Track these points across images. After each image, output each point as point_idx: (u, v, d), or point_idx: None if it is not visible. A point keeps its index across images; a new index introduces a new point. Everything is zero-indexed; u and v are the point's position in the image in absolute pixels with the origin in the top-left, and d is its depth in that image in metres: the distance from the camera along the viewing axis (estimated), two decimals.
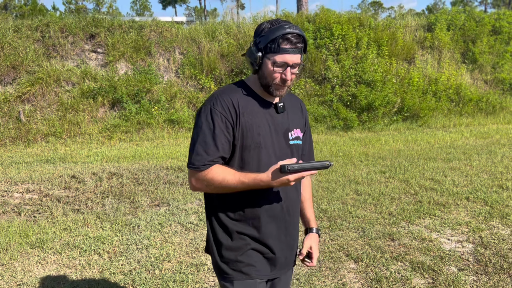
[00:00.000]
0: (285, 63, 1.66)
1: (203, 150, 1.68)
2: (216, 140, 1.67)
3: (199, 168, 1.69)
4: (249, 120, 1.71)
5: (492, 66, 13.22)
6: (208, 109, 1.70)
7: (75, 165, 7.47)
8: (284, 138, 1.81)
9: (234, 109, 1.70)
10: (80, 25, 11.10)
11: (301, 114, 1.94)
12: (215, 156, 1.68)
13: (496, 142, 8.88)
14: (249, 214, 1.77)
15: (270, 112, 1.78)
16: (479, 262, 3.62)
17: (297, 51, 1.66)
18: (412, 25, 13.59)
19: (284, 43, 1.64)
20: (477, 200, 5.17)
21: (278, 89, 1.72)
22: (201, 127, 1.70)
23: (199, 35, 11.66)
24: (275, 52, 1.65)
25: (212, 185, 1.70)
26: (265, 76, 1.71)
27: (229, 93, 1.74)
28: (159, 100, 10.35)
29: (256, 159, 1.74)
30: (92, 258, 3.90)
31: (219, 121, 1.68)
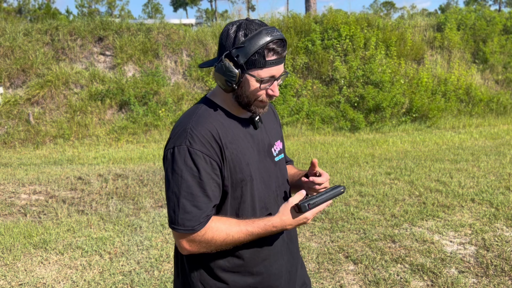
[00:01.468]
0: (272, 77, 1.39)
1: (192, 205, 1.35)
2: (206, 188, 1.36)
3: (193, 230, 1.35)
4: (234, 151, 1.42)
5: (503, 66, 13.04)
6: (184, 150, 1.35)
7: (82, 166, 7.55)
8: (269, 157, 1.55)
9: (217, 143, 1.38)
10: (89, 28, 11.23)
11: (275, 120, 1.69)
12: (209, 209, 1.37)
13: (506, 143, 8.75)
14: (250, 261, 1.49)
15: (249, 132, 1.50)
16: (480, 265, 3.57)
17: (282, 60, 1.39)
18: (421, 25, 13.48)
19: (270, 54, 1.35)
20: (483, 201, 5.10)
21: (262, 107, 1.45)
22: (181, 176, 1.35)
23: (206, 37, 11.72)
24: (260, 67, 1.36)
25: (213, 245, 1.39)
26: (246, 95, 1.41)
27: (204, 122, 1.40)
28: (166, 102, 10.42)
29: (249, 195, 1.46)
30: (93, 258, 3.94)
31: (203, 164, 1.35)
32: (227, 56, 1.37)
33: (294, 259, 1.64)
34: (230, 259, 1.47)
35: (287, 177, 1.66)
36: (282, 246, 1.56)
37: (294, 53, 11.68)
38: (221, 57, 1.38)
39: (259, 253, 1.49)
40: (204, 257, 1.47)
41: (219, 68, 1.37)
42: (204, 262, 1.48)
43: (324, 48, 11.95)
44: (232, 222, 1.40)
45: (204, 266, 1.48)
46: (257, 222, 1.40)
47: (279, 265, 1.55)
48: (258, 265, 1.50)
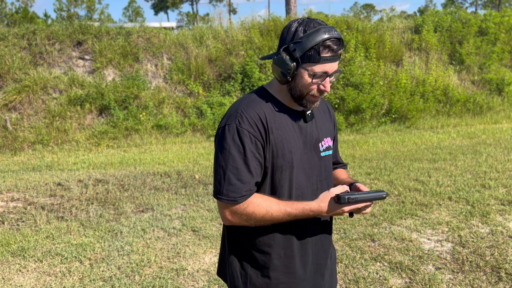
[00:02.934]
0: (325, 73, 1.48)
1: (236, 178, 1.47)
2: (249, 164, 1.47)
3: (236, 201, 1.48)
4: (278, 137, 1.52)
5: (479, 66, 13.35)
6: (234, 129, 1.48)
7: (62, 172, 7.45)
8: (315, 151, 1.62)
9: (263, 126, 1.50)
10: (67, 32, 11.10)
11: (329, 119, 1.76)
12: (251, 184, 1.49)
13: (482, 142, 8.96)
14: (280, 243, 1.60)
15: (298, 123, 1.59)
16: (456, 261, 3.66)
17: (337, 58, 1.47)
18: (399, 27, 13.71)
19: (325, 51, 1.44)
20: (459, 199, 5.22)
21: (314, 101, 1.54)
22: (228, 151, 1.48)
23: (187, 40, 11.70)
24: (315, 62, 1.45)
25: (253, 219, 1.50)
26: (299, 88, 1.51)
27: (254, 106, 1.52)
28: (147, 106, 10.35)
29: (288, 180, 1.55)
30: (73, 265, 3.89)
31: (249, 142, 1.47)
32: (285, 50, 1.48)
33: (324, 253, 1.70)
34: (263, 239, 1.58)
35: (331, 173, 1.74)
36: (314, 236, 1.64)
37: None
38: (280, 50, 1.50)
39: (289, 237, 1.58)
40: (240, 238, 1.62)
41: (276, 60, 1.50)
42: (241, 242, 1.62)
43: None
44: (272, 200, 1.50)
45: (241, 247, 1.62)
46: (296, 204, 1.49)
47: (307, 254, 1.62)
48: (286, 248, 1.58)
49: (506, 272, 3.42)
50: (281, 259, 1.59)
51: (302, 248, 1.62)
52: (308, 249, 1.63)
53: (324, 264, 1.71)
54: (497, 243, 3.97)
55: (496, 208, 4.88)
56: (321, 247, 1.68)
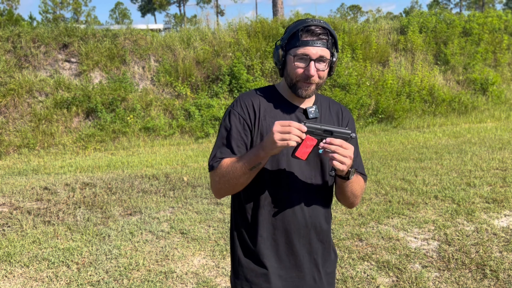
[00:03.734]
0: (307, 56, 1.55)
1: (219, 151, 1.62)
2: (231, 141, 1.61)
3: (213, 167, 1.62)
4: (270, 124, 1.59)
5: (464, 66, 13.54)
6: (228, 111, 1.66)
7: (48, 176, 7.37)
8: None
9: (254, 111, 1.63)
10: (53, 35, 10.99)
11: (340, 120, 1.76)
12: (229, 157, 1.61)
13: (467, 141, 9.09)
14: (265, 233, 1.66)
15: (298, 117, 1.66)
16: (443, 259, 3.71)
17: (320, 43, 1.54)
18: (385, 28, 13.84)
19: (305, 35, 1.55)
20: (445, 198, 5.29)
21: (303, 87, 1.59)
22: (220, 130, 1.66)
23: (174, 42, 11.66)
24: (296, 46, 1.56)
25: (222, 178, 1.58)
26: (289, 75, 1.61)
27: (252, 95, 1.68)
28: (134, 108, 10.30)
29: (276, 166, 1.63)
30: (60, 269, 3.86)
31: (237, 122, 1.62)
32: (276, 43, 1.66)
33: (311, 248, 1.70)
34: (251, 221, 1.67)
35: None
36: (299, 228, 1.66)
37: (262, 57, 11.78)
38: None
39: (274, 223, 1.65)
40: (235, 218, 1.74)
41: (273, 54, 1.68)
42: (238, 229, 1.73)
43: None
44: (236, 156, 1.59)
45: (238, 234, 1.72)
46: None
47: (290, 243, 1.66)
48: (269, 233, 1.65)
49: (490, 269, 3.48)
50: (264, 240, 1.65)
51: (286, 235, 1.66)
52: (293, 239, 1.66)
53: (310, 260, 1.70)
54: (482, 240, 4.03)
55: (481, 206, 4.95)
56: (307, 240, 1.68)
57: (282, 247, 1.66)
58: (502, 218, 4.59)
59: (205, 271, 3.73)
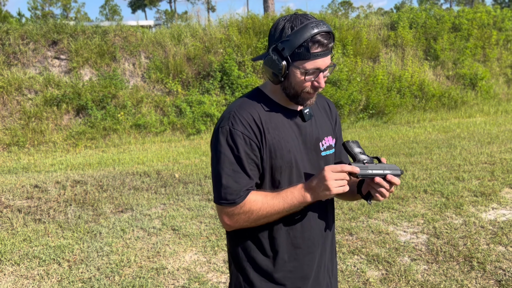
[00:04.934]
0: (318, 69, 1.43)
1: (234, 180, 1.43)
2: (245, 166, 1.44)
3: (235, 203, 1.44)
4: (276, 137, 1.48)
5: (453, 62, 13.65)
6: (227, 131, 1.45)
7: (39, 174, 7.32)
8: (315, 151, 1.57)
9: (257, 127, 1.46)
10: (42, 32, 10.88)
11: (329, 117, 1.70)
12: (248, 185, 1.45)
13: (456, 135, 9.18)
14: (284, 251, 1.55)
15: (296, 122, 1.55)
16: (431, 252, 3.76)
17: (328, 53, 1.42)
18: (376, 24, 13.89)
19: (315, 46, 1.39)
20: (435, 192, 5.36)
21: (309, 98, 1.49)
22: (224, 154, 1.45)
23: (164, 38, 11.62)
24: (305, 59, 1.40)
25: (251, 217, 1.45)
26: (292, 87, 1.47)
27: (248, 107, 1.49)
28: (125, 105, 10.25)
29: (287, 180, 1.50)
30: (51, 267, 3.85)
31: (243, 144, 1.44)
32: (274, 50, 1.44)
33: (327, 255, 1.65)
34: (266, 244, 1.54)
35: None
36: (318, 239, 1.59)
37: (254, 54, 11.77)
38: (269, 50, 1.45)
39: (295, 242, 1.54)
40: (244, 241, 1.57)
41: (266, 61, 1.46)
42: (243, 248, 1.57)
43: None
44: (268, 192, 1.46)
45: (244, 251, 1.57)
46: (290, 187, 1.46)
47: (312, 257, 1.57)
48: (290, 252, 1.54)
49: (478, 261, 3.54)
50: (285, 264, 1.54)
51: (309, 251, 1.58)
52: (315, 252, 1.59)
53: (323, 266, 1.66)
54: (469, 233, 4.10)
55: (470, 199, 5.02)
56: (323, 249, 1.64)
57: (306, 266, 1.57)
58: (490, 211, 4.66)
59: (197, 267, 3.75)
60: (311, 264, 1.57)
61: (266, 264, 1.54)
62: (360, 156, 1.46)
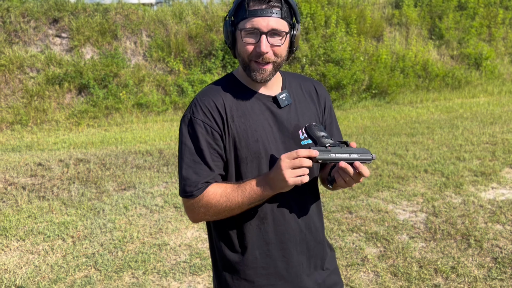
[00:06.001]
0: (257, 29, 1.29)
1: (193, 172, 1.36)
2: (205, 156, 1.36)
3: (192, 195, 1.36)
4: (241, 125, 1.38)
5: (458, 41, 13.49)
6: (187, 120, 1.38)
7: (42, 152, 7.38)
8: (293, 139, 1.44)
9: (220, 115, 1.37)
10: (42, 10, 10.79)
11: (315, 102, 1.54)
12: (209, 177, 1.37)
13: (459, 116, 9.16)
14: (256, 245, 1.45)
15: (270, 108, 1.43)
16: (429, 230, 3.81)
17: (271, 12, 1.28)
18: (380, 3, 13.70)
19: (252, 3, 1.29)
20: (435, 172, 5.38)
21: (257, 70, 1.35)
22: (184, 144, 1.38)
23: (166, 16, 11.51)
24: (243, 18, 1.30)
25: (210, 209, 1.37)
26: (239, 54, 1.36)
27: (211, 94, 1.40)
28: (127, 84, 10.24)
29: (256, 172, 1.40)
30: (56, 243, 3.93)
31: (204, 133, 1.36)
32: (226, 18, 1.40)
33: (310, 252, 1.52)
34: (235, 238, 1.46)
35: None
36: (295, 234, 1.47)
37: None
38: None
39: (266, 238, 1.44)
40: (215, 237, 1.51)
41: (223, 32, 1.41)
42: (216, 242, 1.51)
43: None
44: (228, 184, 1.37)
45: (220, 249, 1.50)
46: (249, 180, 1.35)
47: (287, 253, 1.47)
48: (261, 247, 1.45)
49: (475, 239, 3.59)
50: (256, 260, 1.45)
51: (282, 247, 1.47)
52: (290, 248, 1.48)
53: (309, 264, 1.53)
54: (468, 212, 4.14)
55: (470, 179, 5.05)
56: (305, 245, 1.51)
57: (280, 262, 1.46)
58: (489, 191, 4.70)
59: (198, 243, 3.82)
60: (287, 261, 1.47)
61: (236, 260, 1.46)
62: (323, 140, 1.34)
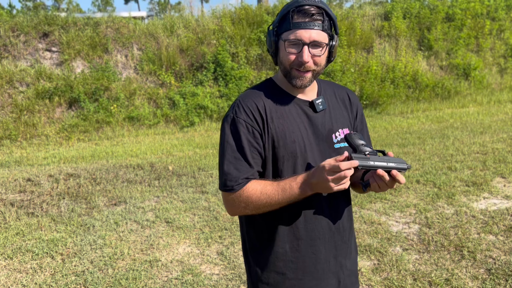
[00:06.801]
0: (300, 41, 1.40)
1: (234, 167, 1.46)
2: (246, 154, 1.46)
3: (233, 189, 1.46)
4: (280, 126, 1.48)
5: (447, 52, 13.65)
6: (230, 119, 1.49)
7: (31, 167, 7.29)
8: (327, 142, 1.54)
9: (260, 115, 1.47)
10: (32, 24, 10.76)
11: (347, 108, 1.65)
12: (249, 173, 1.47)
13: (449, 126, 9.22)
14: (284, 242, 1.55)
15: (306, 112, 1.53)
16: (423, 242, 3.80)
17: (314, 25, 1.38)
18: (369, 14, 13.85)
19: (296, 16, 1.39)
20: (427, 182, 5.39)
21: (298, 77, 1.45)
22: (226, 141, 1.48)
23: (157, 30, 11.52)
24: (288, 30, 1.41)
25: (250, 204, 1.46)
26: (282, 63, 1.47)
27: (253, 96, 1.51)
28: (118, 98, 10.20)
29: (291, 171, 1.49)
30: (45, 261, 3.85)
31: (245, 131, 1.46)
32: (268, 30, 1.51)
33: (336, 251, 1.60)
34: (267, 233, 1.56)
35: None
36: (324, 233, 1.56)
37: (247, 45, 11.71)
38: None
39: (297, 233, 1.54)
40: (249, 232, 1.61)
41: (266, 41, 1.57)
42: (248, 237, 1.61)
43: None
44: (267, 181, 1.46)
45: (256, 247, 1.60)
46: (289, 177, 1.44)
47: (316, 250, 1.55)
48: (291, 242, 1.54)
49: (468, 250, 3.58)
50: (286, 254, 1.55)
51: (312, 244, 1.55)
52: (319, 246, 1.56)
53: (336, 263, 1.61)
54: (461, 223, 4.13)
55: (461, 189, 5.06)
56: (333, 244, 1.59)
57: (308, 258, 1.55)
58: (481, 201, 4.70)
59: (190, 259, 3.76)
60: (315, 258, 1.55)
61: (266, 253, 1.56)
62: (362, 148, 1.41)
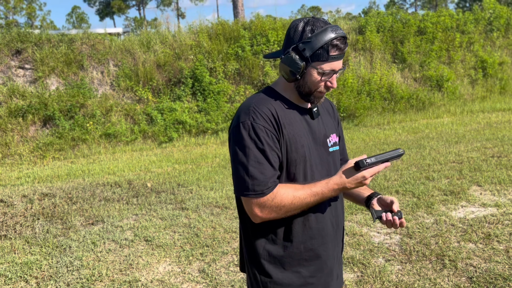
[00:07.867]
0: (333, 71, 1.55)
1: (260, 172, 1.50)
2: (269, 158, 1.51)
3: (263, 193, 1.50)
4: (291, 132, 1.57)
5: (420, 64, 13.99)
6: (248, 125, 1.52)
7: (4, 188, 7.05)
8: (324, 147, 1.68)
9: (276, 121, 1.55)
10: (5, 41, 10.55)
11: (333, 117, 1.82)
12: (274, 177, 1.52)
13: (425, 136, 9.39)
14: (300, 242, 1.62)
15: (306, 119, 1.65)
16: (404, 252, 3.81)
17: (343, 56, 1.56)
18: (344, 29, 14.10)
19: (333, 50, 1.51)
20: (406, 192, 5.44)
21: (320, 97, 1.62)
22: (248, 147, 1.51)
23: (133, 46, 11.45)
24: (323, 61, 1.52)
25: (282, 209, 1.52)
26: (308, 85, 1.57)
27: (265, 103, 1.58)
28: (94, 115, 10.03)
29: (302, 173, 1.59)
30: (18, 285, 3.70)
31: (266, 137, 1.51)
32: (294, 49, 1.54)
33: (338, 247, 1.75)
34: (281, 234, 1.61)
35: (339, 169, 1.71)
36: (330, 230, 1.67)
37: (224, 60, 11.75)
38: (289, 49, 1.54)
39: (310, 233, 1.62)
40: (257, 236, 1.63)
41: (285, 60, 1.55)
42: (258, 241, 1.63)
43: (254, 54, 12.14)
44: (296, 186, 1.54)
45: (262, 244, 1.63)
46: (319, 183, 1.53)
47: (326, 248, 1.65)
48: (305, 242, 1.61)
49: (449, 259, 3.60)
50: (301, 253, 1.62)
51: (323, 242, 1.65)
52: (328, 243, 1.67)
53: (335, 257, 1.74)
54: (441, 231, 4.17)
55: (440, 198, 5.12)
56: (335, 240, 1.72)
57: (321, 256, 1.64)
58: (459, 209, 4.77)
59: (171, 278, 3.67)
60: (326, 255, 1.65)
61: (282, 254, 1.60)
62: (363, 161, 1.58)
